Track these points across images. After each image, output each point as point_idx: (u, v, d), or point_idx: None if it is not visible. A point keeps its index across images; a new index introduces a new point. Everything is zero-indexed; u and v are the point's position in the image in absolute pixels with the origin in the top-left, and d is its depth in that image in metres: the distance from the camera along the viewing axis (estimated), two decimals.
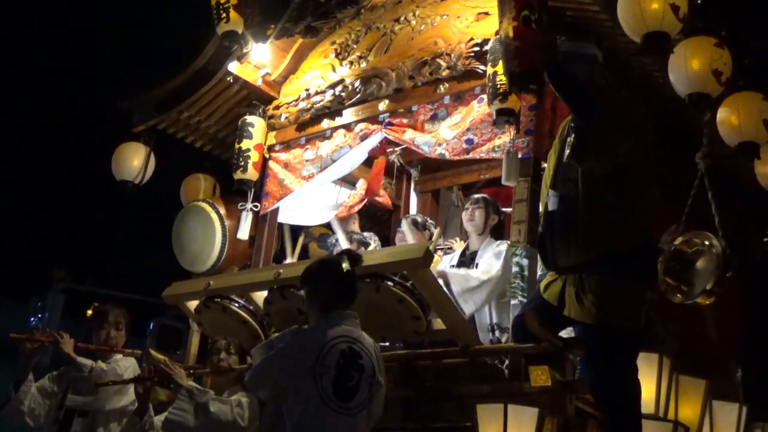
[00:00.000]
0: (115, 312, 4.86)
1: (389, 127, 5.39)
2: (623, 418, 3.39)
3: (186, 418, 4.14)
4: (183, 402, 4.18)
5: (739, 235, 6.00)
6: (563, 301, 3.55)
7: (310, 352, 3.27)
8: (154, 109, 6.12)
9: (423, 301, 4.30)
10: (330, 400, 3.23)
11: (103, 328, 4.81)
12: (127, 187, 6.14)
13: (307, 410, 3.21)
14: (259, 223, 5.85)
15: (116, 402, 4.64)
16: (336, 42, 5.94)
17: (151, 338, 9.81)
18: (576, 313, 3.47)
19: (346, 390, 3.28)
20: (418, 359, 4.55)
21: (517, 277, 4.50)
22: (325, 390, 3.23)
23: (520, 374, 4.14)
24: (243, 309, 4.90)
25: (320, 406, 3.22)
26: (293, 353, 3.29)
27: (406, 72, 5.36)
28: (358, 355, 3.35)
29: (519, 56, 3.67)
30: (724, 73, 4.38)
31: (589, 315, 3.42)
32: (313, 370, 3.23)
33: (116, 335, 4.81)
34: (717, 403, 4.77)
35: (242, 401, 4.23)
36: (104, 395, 4.59)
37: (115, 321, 4.82)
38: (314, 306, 3.49)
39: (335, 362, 3.27)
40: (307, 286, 3.55)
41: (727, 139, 4.82)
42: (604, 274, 3.42)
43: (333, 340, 3.31)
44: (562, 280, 3.59)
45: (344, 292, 3.48)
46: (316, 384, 3.22)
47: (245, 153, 5.82)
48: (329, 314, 3.41)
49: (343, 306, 3.45)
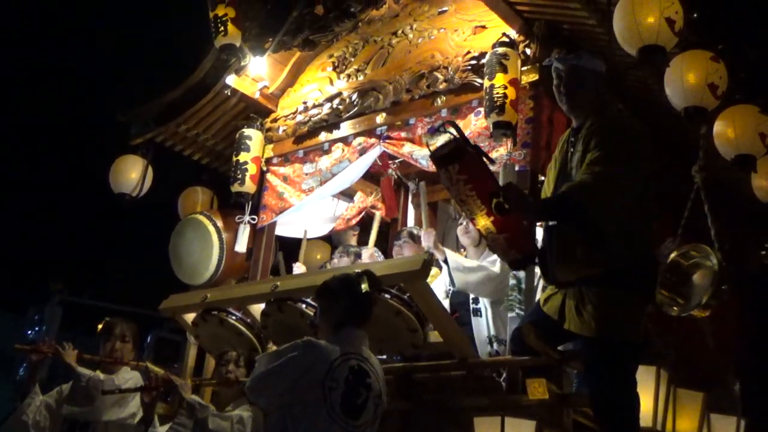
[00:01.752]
0: (122, 325, 4.89)
1: (387, 141, 5.41)
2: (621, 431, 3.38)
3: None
4: (183, 417, 4.16)
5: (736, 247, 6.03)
6: (563, 315, 3.54)
7: (321, 365, 3.24)
8: (152, 122, 6.14)
9: (420, 314, 4.29)
10: (338, 416, 3.21)
11: (109, 340, 4.81)
12: (124, 199, 6.16)
13: (313, 424, 3.18)
14: (256, 236, 5.85)
15: (114, 414, 4.60)
16: (334, 55, 5.96)
17: (148, 351, 9.78)
18: (576, 326, 3.45)
19: (355, 407, 3.26)
20: (415, 372, 4.54)
21: (514, 289, 4.51)
22: (333, 405, 3.21)
23: (517, 387, 4.14)
24: (240, 322, 4.88)
25: (328, 422, 3.19)
26: (304, 364, 3.25)
27: (403, 85, 5.38)
28: (366, 374, 3.34)
29: (513, 245, 3.35)
30: (720, 86, 4.40)
31: (589, 328, 3.40)
32: (323, 383, 3.21)
33: (122, 347, 4.81)
34: (715, 417, 4.76)
35: (243, 416, 4.20)
36: (101, 406, 4.56)
37: (122, 334, 4.83)
38: (328, 321, 3.48)
39: (344, 378, 3.26)
40: (324, 300, 3.54)
41: (723, 152, 4.84)
42: (604, 287, 3.41)
43: (344, 356, 3.29)
44: (562, 293, 3.58)
45: (360, 312, 3.47)
46: (325, 398, 3.20)
47: (243, 166, 5.84)
48: (341, 330, 3.41)
49: (355, 325, 3.45)
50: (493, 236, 3.33)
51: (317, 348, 3.32)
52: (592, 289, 3.42)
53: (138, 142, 6.23)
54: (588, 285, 3.43)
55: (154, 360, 8.75)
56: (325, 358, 3.27)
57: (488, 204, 3.26)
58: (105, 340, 4.81)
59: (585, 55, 3.72)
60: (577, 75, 3.65)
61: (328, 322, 3.47)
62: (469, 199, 3.31)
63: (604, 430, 3.44)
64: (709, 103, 4.42)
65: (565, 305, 3.52)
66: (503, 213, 3.26)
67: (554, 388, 3.93)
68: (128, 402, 4.63)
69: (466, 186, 3.30)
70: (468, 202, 3.33)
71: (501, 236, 3.31)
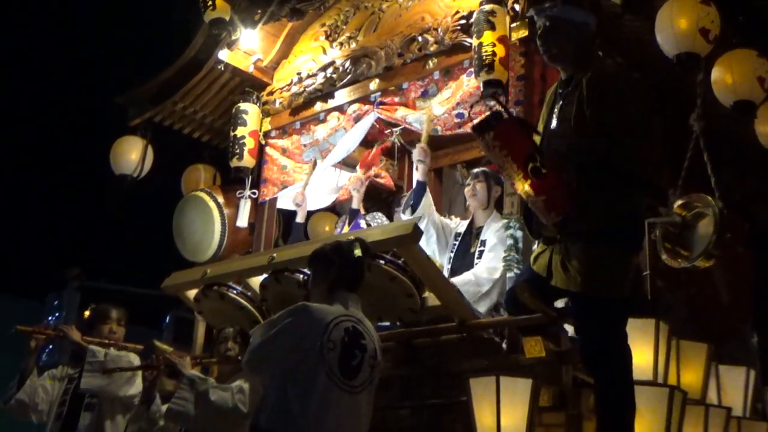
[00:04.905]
0: (116, 309, 5.00)
1: (381, 107, 5.35)
2: (614, 385, 3.33)
3: (187, 407, 4.16)
4: (184, 391, 4.19)
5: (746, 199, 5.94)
6: (550, 271, 3.50)
7: (318, 327, 3.27)
8: (148, 102, 6.13)
9: (416, 278, 4.26)
10: (335, 377, 3.24)
11: (105, 323, 4.92)
12: (126, 181, 6.17)
13: (312, 385, 3.21)
14: (258, 210, 5.84)
15: (126, 390, 4.70)
16: (326, 24, 5.90)
17: (167, 331, 9.87)
18: (562, 281, 3.41)
19: (351, 368, 3.30)
20: (415, 337, 4.53)
21: (511, 249, 4.47)
22: (331, 366, 3.24)
23: (518, 347, 4.11)
24: (240, 295, 4.89)
25: (326, 382, 3.23)
26: (300, 329, 3.28)
27: (395, 49, 5.31)
28: (361, 335, 3.37)
29: (552, 207, 3.34)
30: (712, 30, 4.30)
31: (575, 283, 3.36)
32: (321, 344, 3.24)
33: (118, 331, 4.95)
34: (723, 368, 4.72)
35: (243, 386, 4.21)
36: (118, 381, 4.66)
37: (117, 318, 4.95)
38: (321, 286, 3.52)
39: (341, 339, 3.29)
40: (316, 265, 3.60)
41: (722, 99, 4.72)
42: (588, 241, 3.36)
43: (338, 318, 3.33)
44: (550, 250, 3.54)
45: (352, 277, 3.52)
46: (323, 359, 3.23)
47: (240, 140, 5.81)
48: (334, 294, 3.45)
49: (348, 289, 3.49)
50: (533, 199, 3.38)
51: (312, 311, 3.34)
52: (578, 244, 3.37)
53: (136, 122, 6.23)
54: (573, 240, 3.38)
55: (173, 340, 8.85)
56: (321, 320, 3.30)
57: (524, 168, 3.32)
58: (101, 323, 4.90)
59: (565, 5, 3.62)
60: (554, 25, 3.56)
61: (321, 287, 3.51)
62: (506, 165, 3.38)
63: (598, 384, 3.40)
64: (702, 49, 4.31)
65: (551, 261, 3.47)
66: (539, 177, 3.32)
67: (551, 346, 3.91)
68: (136, 380, 4.69)
69: (501, 152, 3.37)
70: (506, 167, 3.40)
71: (539, 199, 3.35)
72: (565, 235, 3.42)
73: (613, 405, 3.31)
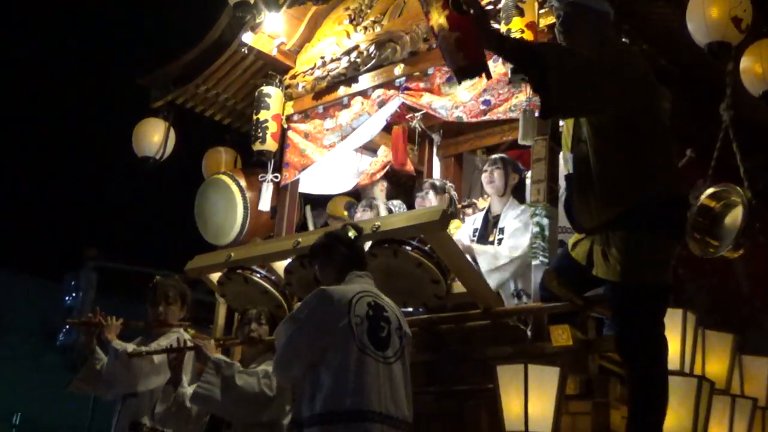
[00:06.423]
0: (164, 286, 4.66)
1: (406, 92, 5.33)
2: (650, 374, 3.31)
3: (213, 391, 4.14)
4: (210, 375, 4.17)
5: None
6: (591, 260, 3.48)
7: (341, 305, 3.31)
8: (171, 84, 6.12)
9: (442, 265, 4.26)
10: (368, 348, 3.29)
11: (154, 303, 4.62)
12: (148, 162, 6.17)
13: (347, 359, 3.25)
14: (280, 194, 5.84)
15: (151, 383, 4.47)
16: (350, 8, 5.86)
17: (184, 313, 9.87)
18: (603, 271, 3.39)
19: (380, 339, 3.34)
20: (440, 323, 4.53)
21: (537, 237, 4.44)
22: (361, 339, 3.28)
23: (543, 335, 4.11)
24: (264, 279, 4.90)
25: (360, 355, 3.26)
26: (323, 313, 3.32)
27: (420, 34, 5.28)
28: (383, 308, 3.43)
29: (463, 48, 3.09)
30: (744, 19, 4.25)
31: (615, 273, 3.33)
32: (348, 320, 3.28)
33: (165, 310, 4.60)
34: (747, 358, 4.69)
35: (269, 371, 4.21)
36: (136, 378, 4.44)
37: (164, 294, 4.62)
38: (330, 273, 3.58)
39: (365, 313, 3.33)
40: (319, 257, 3.66)
41: (751, 89, 4.68)
42: (629, 228, 3.33)
43: (358, 294, 3.39)
44: (590, 239, 3.52)
45: (355, 257, 3.61)
46: (353, 334, 3.27)
47: (263, 124, 5.81)
48: (346, 276, 3.52)
49: (357, 268, 3.56)
50: (444, 33, 3.16)
51: (332, 292, 3.39)
52: (617, 232, 3.34)
53: (158, 104, 6.22)
54: (613, 228, 3.35)
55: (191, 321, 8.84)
56: (343, 298, 3.35)
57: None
58: (151, 304, 4.62)
59: None
60: (574, 13, 3.52)
61: (330, 274, 3.59)
62: None
63: (633, 373, 3.38)
64: (734, 38, 4.27)
65: (593, 250, 3.45)
66: (459, 11, 3.12)
67: (578, 334, 3.90)
68: (163, 369, 4.44)
69: None
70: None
71: (452, 35, 3.14)
72: (602, 225, 3.40)
73: (648, 394, 3.29)
